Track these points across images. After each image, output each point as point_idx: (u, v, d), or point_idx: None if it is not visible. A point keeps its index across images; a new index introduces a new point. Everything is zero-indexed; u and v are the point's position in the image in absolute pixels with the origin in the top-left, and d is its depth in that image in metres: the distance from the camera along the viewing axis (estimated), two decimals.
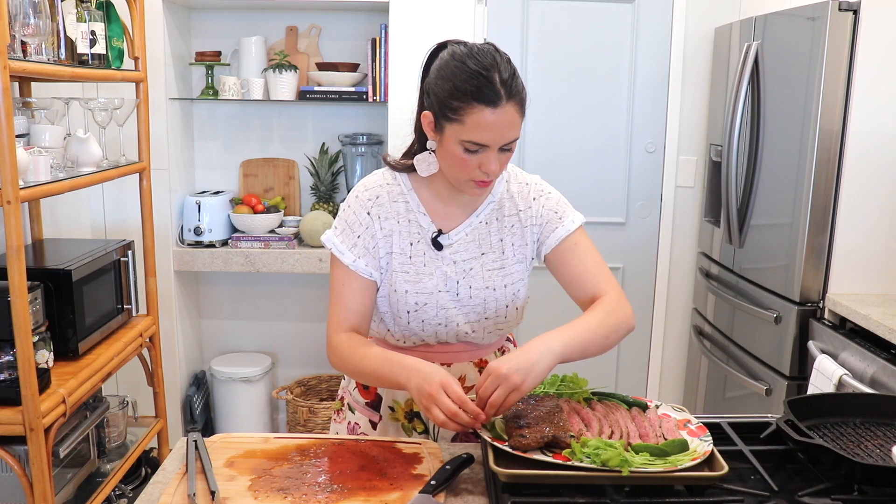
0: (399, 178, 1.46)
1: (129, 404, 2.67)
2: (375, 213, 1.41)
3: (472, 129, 1.28)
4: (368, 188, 1.44)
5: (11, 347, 1.89)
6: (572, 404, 1.33)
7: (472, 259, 1.44)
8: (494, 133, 1.29)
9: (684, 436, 1.25)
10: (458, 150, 1.31)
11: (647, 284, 3.46)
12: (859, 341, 2.18)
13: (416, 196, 1.44)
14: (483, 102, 1.27)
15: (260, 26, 3.28)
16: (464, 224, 1.45)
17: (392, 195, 1.44)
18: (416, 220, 1.43)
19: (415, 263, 1.42)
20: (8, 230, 1.82)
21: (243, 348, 3.55)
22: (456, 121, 1.29)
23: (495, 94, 1.27)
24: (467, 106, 1.27)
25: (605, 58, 3.27)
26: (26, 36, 1.95)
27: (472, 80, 1.27)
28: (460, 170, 1.34)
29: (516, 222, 1.48)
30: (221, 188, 3.38)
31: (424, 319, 1.43)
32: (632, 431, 1.26)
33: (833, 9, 2.28)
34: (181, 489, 1.18)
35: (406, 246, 1.42)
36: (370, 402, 1.54)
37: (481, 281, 1.43)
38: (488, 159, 1.31)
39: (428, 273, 1.42)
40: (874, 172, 2.35)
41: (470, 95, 1.27)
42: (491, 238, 1.46)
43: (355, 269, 1.41)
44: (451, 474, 1.21)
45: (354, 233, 1.41)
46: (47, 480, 1.93)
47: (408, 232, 1.42)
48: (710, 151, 3.13)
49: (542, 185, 1.52)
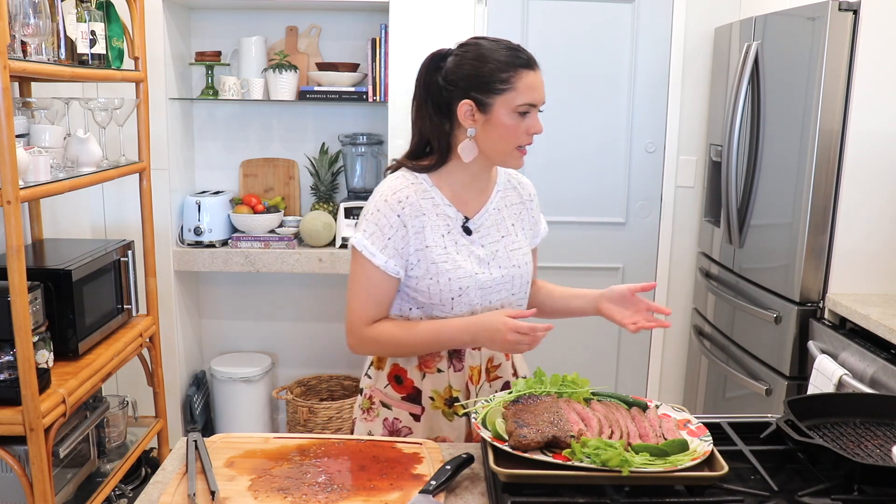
0: (419, 177, 1.56)
1: (129, 404, 2.67)
2: (407, 214, 1.50)
3: (525, 92, 1.47)
4: (396, 191, 1.52)
5: (11, 347, 1.89)
6: (572, 404, 1.33)
7: (495, 242, 1.58)
8: (541, 92, 1.50)
9: (684, 436, 1.25)
10: (510, 119, 1.47)
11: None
12: (859, 341, 2.18)
13: (438, 191, 1.55)
14: (528, 67, 1.48)
15: (260, 26, 3.28)
16: (482, 211, 1.58)
17: (419, 193, 1.53)
18: (444, 213, 1.54)
19: (449, 252, 1.52)
20: (8, 230, 1.82)
21: (243, 348, 3.55)
22: (507, 90, 1.46)
23: (532, 61, 1.49)
24: (516, 73, 1.46)
25: (605, 58, 3.27)
26: (26, 36, 1.95)
27: (510, 53, 1.48)
28: (510, 139, 1.49)
29: (522, 210, 1.65)
30: (221, 188, 3.38)
31: (468, 302, 1.53)
32: (632, 431, 1.26)
33: (833, 9, 2.28)
34: (181, 489, 1.18)
35: (439, 238, 1.52)
36: (407, 396, 1.58)
37: (507, 260, 1.57)
38: (535, 119, 1.50)
39: (464, 259, 1.53)
40: (874, 172, 2.35)
41: (516, 65, 1.47)
42: (505, 223, 1.61)
43: (385, 269, 1.50)
44: (451, 474, 1.21)
45: (385, 235, 1.50)
46: (47, 480, 1.93)
47: (438, 224, 1.52)
48: (710, 151, 3.13)
49: (532, 186, 1.72)
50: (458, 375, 1.56)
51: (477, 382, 1.57)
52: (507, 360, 1.62)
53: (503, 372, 1.61)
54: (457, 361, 1.56)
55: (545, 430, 1.21)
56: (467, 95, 1.48)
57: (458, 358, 1.56)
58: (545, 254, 3.39)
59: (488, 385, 1.59)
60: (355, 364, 3.51)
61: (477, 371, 1.57)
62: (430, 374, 1.56)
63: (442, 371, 1.56)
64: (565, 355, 3.33)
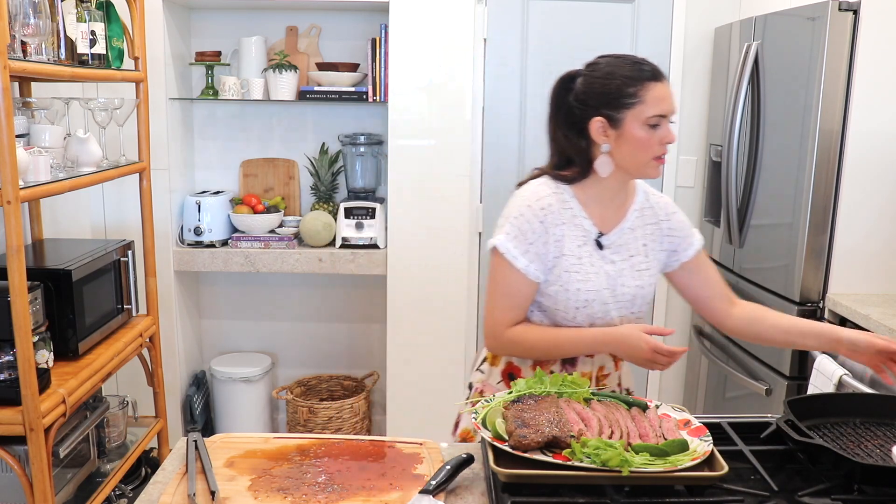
0: (560, 187, 1.59)
1: (129, 404, 2.67)
2: (550, 221, 1.54)
3: (654, 104, 1.49)
4: (540, 198, 1.56)
5: (11, 347, 1.89)
6: (572, 404, 1.33)
7: (624, 260, 1.60)
8: (669, 102, 1.52)
9: (684, 436, 1.25)
10: (642, 131, 1.49)
11: None
12: None
13: (577, 202, 1.58)
14: (654, 79, 1.51)
15: (260, 26, 3.28)
16: (618, 228, 1.61)
17: (561, 202, 1.57)
18: (581, 225, 1.57)
19: (583, 264, 1.55)
20: (8, 230, 1.82)
21: (243, 348, 3.55)
22: (636, 104, 1.49)
23: (658, 72, 1.53)
24: (643, 87, 1.50)
25: None
26: (26, 36, 1.95)
27: (635, 68, 1.52)
28: (644, 151, 1.51)
29: (655, 230, 1.65)
30: (221, 188, 3.38)
31: (590, 314, 1.56)
32: (632, 431, 1.26)
33: (833, 9, 2.28)
34: (181, 489, 1.18)
35: (575, 248, 1.55)
36: None
37: (631, 280, 1.59)
38: (667, 129, 1.51)
39: (594, 272, 1.56)
40: (874, 172, 2.35)
41: (642, 79, 1.50)
42: (637, 242, 1.62)
43: (526, 273, 1.53)
44: (451, 474, 1.21)
45: (527, 240, 1.53)
46: (47, 480, 1.93)
47: (575, 235, 1.56)
48: (710, 151, 3.13)
49: (671, 201, 1.73)
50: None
51: None
52: (615, 371, 1.65)
53: (611, 381, 1.65)
54: (570, 366, 1.60)
55: (545, 430, 1.21)
56: (598, 113, 1.52)
57: (570, 363, 1.60)
58: None
59: None
60: (355, 364, 3.51)
61: (588, 377, 1.59)
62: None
63: (554, 372, 1.57)
64: None
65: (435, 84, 3.09)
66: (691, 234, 1.69)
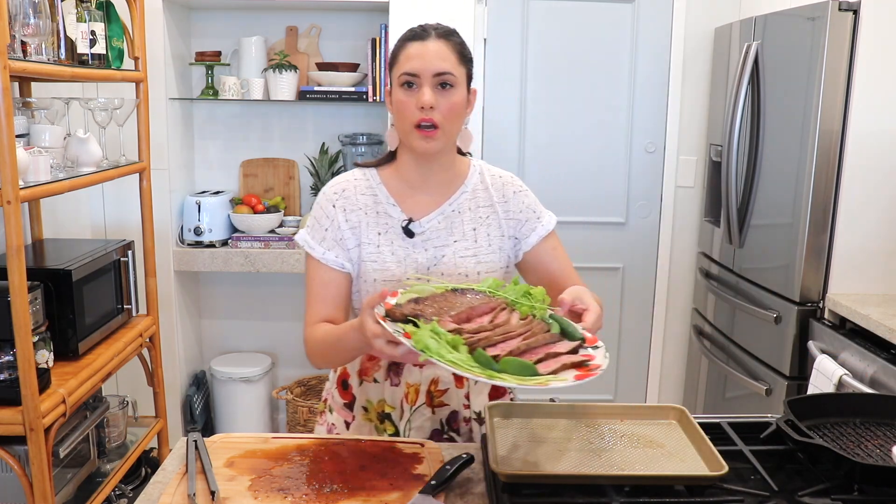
0: (368, 173, 1.51)
1: (129, 404, 2.67)
2: (341, 206, 1.46)
3: (404, 62, 1.40)
4: (335, 184, 1.50)
5: (11, 347, 1.89)
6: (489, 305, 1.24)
7: (445, 246, 1.47)
8: (423, 60, 1.39)
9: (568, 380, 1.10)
10: (399, 93, 1.40)
11: (647, 284, 3.46)
12: (859, 341, 2.18)
13: (384, 189, 1.49)
14: (412, 39, 1.42)
15: (260, 26, 3.28)
16: (436, 212, 1.48)
17: (359, 189, 1.49)
18: (384, 212, 1.47)
19: (382, 253, 1.45)
20: (8, 230, 1.82)
21: (243, 348, 3.55)
22: (395, 64, 1.43)
23: (424, 32, 1.43)
24: (403, 46, 1.42)
25: (605, 58, 3.27)
26: (26, 36, 1.95)
27: (411, 31, 1.44)
28: (403, 116, 1.40)
29: (492, 213, 1.51)
30: (221, 188, 3.38)
31: None
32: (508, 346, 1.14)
33: (833, 9, 2.28)
34: (181, 489, 1.18)
35: (374, 236, 1.45)
36: (347, 403, 1.54)
37: (454, 267, 1.46)
38: (423, 92, 1.38)
39: (396, 261, 1.44)
40: (874, 172, 2.35)
41: (405, 38, 1.44)
42: (464, 227, 1.49)
43: (325, 262, 1.44)
44: (451, 474, 1.21)
45: (322, 226, 1.46)
46: (47, 480, 1.93)
47: (375, 223, 1.46)
48: (710, 151, 3.13)
49: (518, 181, 1.57)
50: (394, 390, 1.48)
51: (413, 402, 1.47)
52: (458, 388, 1.49)
53: (451, 399, 1.49)
54: (394, 375, 1.48)
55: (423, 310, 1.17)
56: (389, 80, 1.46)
57: (395, 372, 1.48)
58: None
59: (430, 411, 1.48)
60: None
61: (414, 390, 1.47)
62: (367, 382, 1.50)
63: (378, 382, 1.49)
64: None
65: None
66: (535, 219, 1.52)
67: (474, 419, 1.51)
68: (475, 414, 1.51)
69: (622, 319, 3.50)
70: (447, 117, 1.40)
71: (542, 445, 1.26)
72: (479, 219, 1.50)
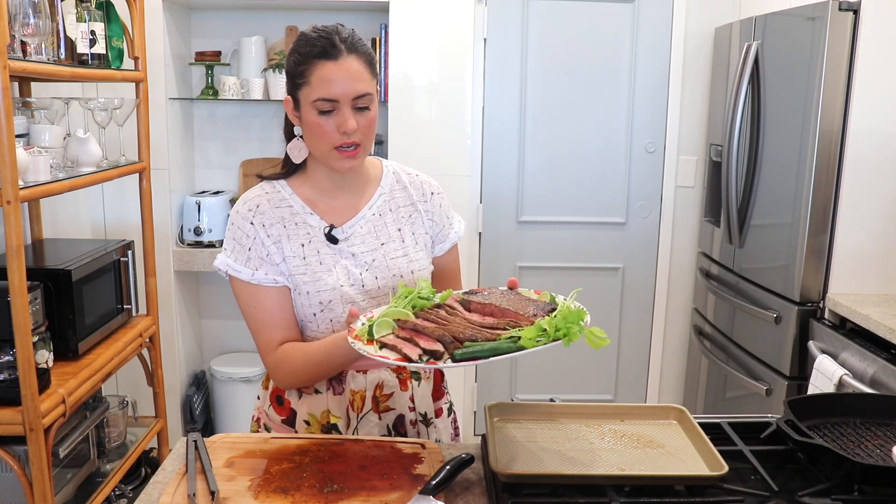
0: (277, 185, 1.45)
1: (129, 404, 2.67)
2: (259, 222, 1.40)
3: (319, 86, 1.32)
4: (247, 201, 1.43)
5: (11, 347, 1.89)
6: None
7: (373, 250, 1.44)
8: (341, 85, 1.31)
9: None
10: (314, 115, 1.33)
11: (647, 284, 3.46)
12: (859, 341, 2.18)
13: (298, 198, 1.44)
14: (324, 58, 1.32)
15: (260, 26, 3.28)
16: (357, 217, 1.45)
17: (273, 202, 1.42)
18: (303, 222, 1.42)
19: (310, 263, 1.40)
20: (8, 230, 1.82)
21: (243, 348, 3.55)
22: (305, 84, 1.33)
23: (334, 49, 1.32)
24: (311, 65, 1.32)
25: (605, 58, 3.27)
26: (26, 36, 1.95)
27: (313, 43, 1.34)
28: (321, 138, 1.35)
29: (413, 212, 1.50)
30: (221, 188, 3.38)
31: (333, 318, 1.40)
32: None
33: (833, 9, 2.28)
34: (181, 489, 1.18)
35: (297, 248, 1.40)
36: (285, 420, 1.48)
37: (386, 270, 1.43)
38: (343, 117, 1.33)
39: (326, 270, 1.40)
40: (874, 172, 2.35)
41: (311, 55, 1.33)
42: (388, 228, 1.47)
43: (258, 282, 1.39)
44: (451, 474, 1.21)
45: (244, 246, 1.40)
46: (47, 480, 1.93)
47: (296, 234, 1.41)
48: (710, 151, 3.13)
49: (435, 183, 1.55)
50: (338, 399, 1.44)
51: (360, 410, 1.44)
52: (402, 391, 1.46)
53: (396, 403, 1.46)
54: (337, 384, 1.44)
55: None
56: (289, 90, 1.39)
57: (338, 380, 1.44)
58: (545, 253, 3.41)
59: (377, 417, 1.45)
60: None
61: (360, 397, 1.43)
62: (307, 394, 1.45)
63: (320, 392, 1.44)
64: (566, 354, 3.33)
65: (435, 84, 3.09)
66: (448, 226, 1.53)
67: (420, 421, 1.49)
68: (421, 416, 1.49)
69: (622, 319, 3.50)
70: (367, 134, 1.37)
71: (541, 445, 1.26)
72: (403, 218, 1.48)
